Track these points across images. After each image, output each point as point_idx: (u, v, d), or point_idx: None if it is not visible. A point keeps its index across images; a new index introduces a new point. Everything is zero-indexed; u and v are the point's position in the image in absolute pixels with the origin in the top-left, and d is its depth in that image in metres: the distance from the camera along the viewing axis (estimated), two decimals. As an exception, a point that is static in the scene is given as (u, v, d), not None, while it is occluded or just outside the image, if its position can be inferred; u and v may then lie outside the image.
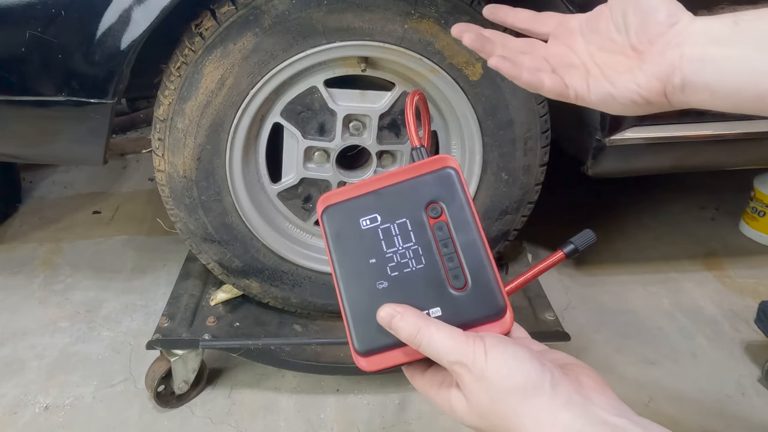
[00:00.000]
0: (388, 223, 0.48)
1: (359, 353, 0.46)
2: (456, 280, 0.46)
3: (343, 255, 0.48)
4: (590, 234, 0.53)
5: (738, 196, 1.93)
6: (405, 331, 0.43)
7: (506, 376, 0.40)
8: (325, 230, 0.49)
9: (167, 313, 1.21)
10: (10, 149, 1.18)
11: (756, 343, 1.40)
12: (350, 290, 0.47)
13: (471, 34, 0.53)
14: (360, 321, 0.47)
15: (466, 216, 0.47)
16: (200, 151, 1.06)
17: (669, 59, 0.47)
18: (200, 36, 0.97)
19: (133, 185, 2.15)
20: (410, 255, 0.47)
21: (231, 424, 1.18)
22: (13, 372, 1.30)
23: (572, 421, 0.38)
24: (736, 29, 0.44)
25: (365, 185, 0.50)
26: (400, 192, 0.49)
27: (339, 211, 0.49)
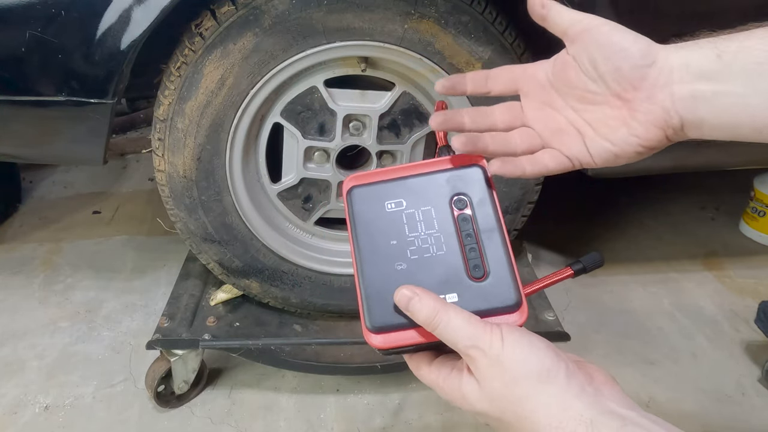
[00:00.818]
0: (413, 209, 0.49)
1: (371, 330, 0.46)
2: (475, 269, 0.47)
3: (365, 234, 0.49)
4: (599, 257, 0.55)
5: (738, 196, 1.93)
6: (422, 313, 0.43)
7: (522, 361, 0.40)
8: (348, 208, 0.50)
9: (167, 313, 1.21)
10: (10, 149, 1.18)
11: (756, 343, 1.40)
12: (368, 268, 0.48)
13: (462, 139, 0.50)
14: (374, 298, 0.47)
15: (491, 212, 0.48)
16: (200, 151, 1.06)
17: (661, 103, 0.45)
18: (200, 36, 0.97)
19: (133, 185, 2.15)
20: (432, 241, 0.48)
21: (231, 424, 1.18)
22: (13, 372, 1.30)
23: (583, 411, 0.39)
24: (721, 63, 0.43)
25: (393, 171, 0.51)
26: (428, 181, 0.50)
27: (365, 192, 0.50)
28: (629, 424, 0.38)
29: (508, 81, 0.54)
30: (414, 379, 1.26)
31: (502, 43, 1.01)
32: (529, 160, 0.51)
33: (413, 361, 0.49)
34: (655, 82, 0.45)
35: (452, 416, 1.20)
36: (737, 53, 0.43)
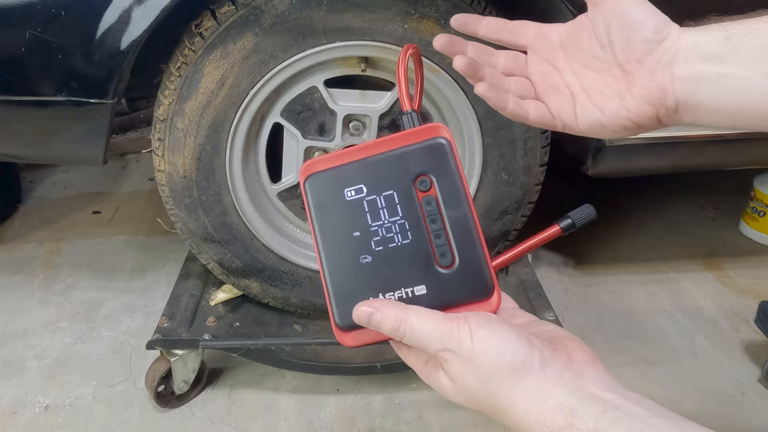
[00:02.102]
0: (374, 195, 0.45)
1: (340, 328, 0.44)
2: (443, 257, 0.44)
3: (326, 227, 0.46)
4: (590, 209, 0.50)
5: (738, 196, 1.93)
6: (386, 325, 0.42)
7: (494, 357, 0.39)
8: (307, 200, 0.47)
9: (167, 313, 1.21)
10: (10, 149, 1.18)
11: (756, 343, 1.40)
12: (332, 264, 0.45)
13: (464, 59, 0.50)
14: (342, 296, 0.45)
15: (457, 190, 0.45)
16: (200, 151, 1.06)
17: (659, 81, 0.45)
18: (200, 36, 0.97)
19: (133, 185, 2.15)
20: (396, 229, 0.44)
21: (231, 424, 1.18)
22: (13, 372, 1.30)
23: (562, 399, 0.38)
24: (729, 45, 0.42)
25: (351, 153, 0.46)
26: (387, 162, 0.45)
27: (322, 180, 0.46)
28: (610, 408, 0.37)
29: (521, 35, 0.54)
30: (414, 379, 1.26)
31: (502, 43, 1.01)
32: (514, 100, 0.51)
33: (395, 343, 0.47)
34: (660, 58, 0.45)
35: (452, 416, 1.20)
36: (746, 35, 0.42)
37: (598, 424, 0.36)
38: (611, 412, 0.36)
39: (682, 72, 0.44)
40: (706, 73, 0.43)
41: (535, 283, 1.35)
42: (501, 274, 1.38)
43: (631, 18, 0.46)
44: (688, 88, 0.44)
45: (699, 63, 0.43)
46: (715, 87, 0.43)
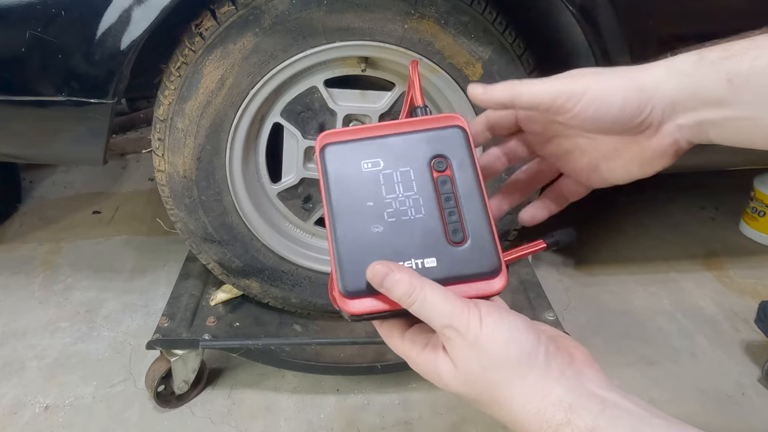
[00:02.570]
0: (390, 170, 0.47)
1: (343, 294, 0.44)
2: (455, 234, 0.45)
3: (340, 194, 0.46)
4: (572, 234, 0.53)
5: (738, 196, 1.93)
6: (398, 290, 0.41)
7: (501, 345, 0.39)
8: (322, 167, 0.47)
9: (167, 313, 1.21)
10: (10, 149, 1.18)
11: (756, 343, 1.40)
12: (342, 230, 0.45)
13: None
14: (348, 262, 0.44)
15: (471, 174, 0.46)
16: (200, 151, 1.06)
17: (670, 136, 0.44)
18: (200, 36, 0.97)
19: (133, 185, 2.15)
20: (410, 203, 0.46)
21: (231, 424, 1.18)
22: (13, 372, 1.30)
23: (563, 395, 0.38)
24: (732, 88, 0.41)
25: (370, 129, 0.48)
26: (406, 141, 0.48)
27: (340, 150, 0.48)
28: (609, 406, 0.37)
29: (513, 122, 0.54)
30: (414, 379, 1.27)
31: (502, 43, 1.01)
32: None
33: (384, 328, 0.47)
34: (659, 121, 0.44)
35: (452, 417, 1.20)
36: (749, 77, 0.40)
37: (596, 422, 0.36)
38: (610, 410, 0.37)
39: (687, 121, 0.44)
40: (711, 118, 0.43)
41: (535, 283, 1.35)
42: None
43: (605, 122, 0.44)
44: (697, 132, 0.44)
45: (702, 110, 0.43)
46: (722, 130, 0.43)
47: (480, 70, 1.03)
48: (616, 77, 0.44)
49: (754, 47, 0.41)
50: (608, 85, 0.44)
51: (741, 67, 0.41)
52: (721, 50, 0.42)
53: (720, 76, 0.41)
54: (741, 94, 0.41)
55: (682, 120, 0.44)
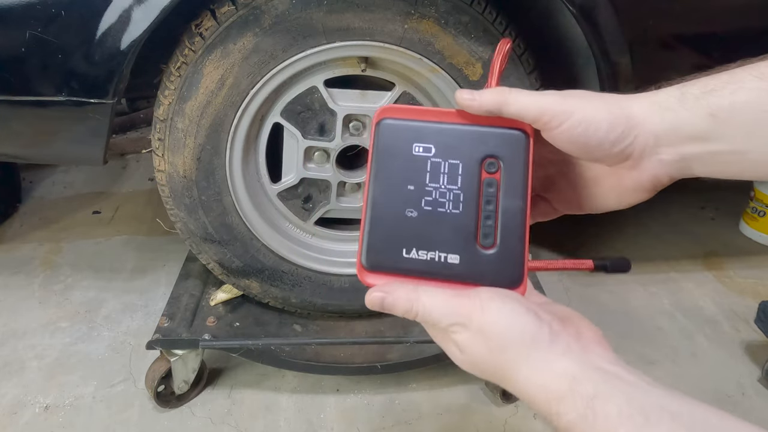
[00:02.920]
0: (440, 159, 0.46)
1: (366, 268, 0.45)
2: (486, 238, 0.45)
3: (383, 170, 0.46)
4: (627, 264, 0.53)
5: (738, 196, 1.93)
6: (399, 308, 0.43)
7: (504, 330, 0.40)
8: (374, 140, 0.47)
9: (167, 313, 1.21)
10: (10, 149, 1.18)
11: (756, 343, 1.40)
12: (377, 206, 0.46)
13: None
14: (376, 238, 0.45)
15: (521, 183, 0.45)
16: (200, 151, 1.06)
17: (650, 170, 0.44)
18: (200, 36, 0.97)
19: (133, 185, 2.15)
20: (450, 197, 0.45)
21: (231, 424, 1.18)
22: (13, 372, 1.30)
23: (567, 368, 0.39)
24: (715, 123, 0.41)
25: (432, 113, 0.47)
26: (464, 134, 0.46)
27: (396, 126, 0.47)
28: (611, 378, 0.38)
29: None
30: (414, 379, 1.27)
31: (502, 43, 1.01)
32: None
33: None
34: (641, 153, 0.44)
35: (452, 417, 1.20)
36: (731, 111, 0.41)
37: (597, 390, 0.37)
38: (611, 381, 0.38)
39: (669, 156, 0.44)
40: (695, 154, 0.43)
41: (535, 282, 1.35)
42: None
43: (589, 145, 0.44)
44: (679, 168, 0.44)
45: (685, 145, 0.43)
46: (707, 164, 0.43)
47: (480, 70, 1.03)
48: (605, 102, 0.44)
49: (733, 81, 0.41)
50: (597, 107, 0.44)
51: (722, 102, 0.41)
52: (701, 85, 0.42)
53: (703, 111, 0.42)
54: (724, 128, 0.41)
55: (665, 155, 0.44)
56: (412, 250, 0.45)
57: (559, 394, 0.38)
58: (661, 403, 0.36)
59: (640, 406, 0.35)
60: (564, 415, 0.38)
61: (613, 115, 0.43)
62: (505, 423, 1.19)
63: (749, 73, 0.41)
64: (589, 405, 0.37)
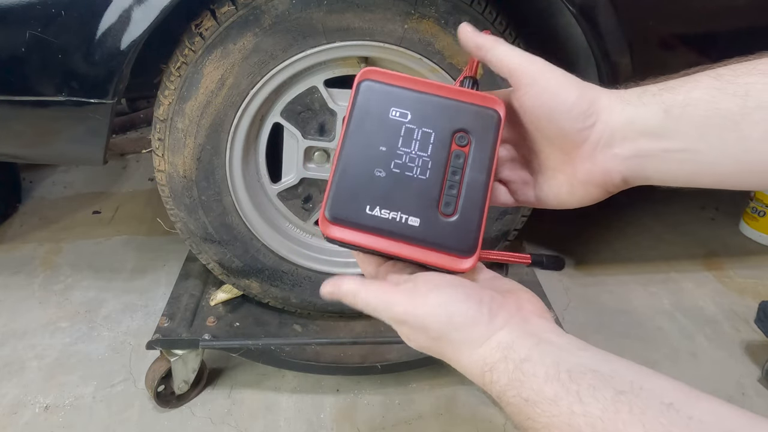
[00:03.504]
0: (414, 126, 0.48)
1: (328, 219, 0.47)
2: (447, 206, 0.47)
3: (358, 130, 0.48)
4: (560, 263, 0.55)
5: (738, 196, 1.93)
6: (345, 298, 0.46)
7: (444, 320, 0.42)
8: (353, 99, 0.49)
9: (167, 313, 1.21)
10: (10, 149, 1.18)
11: (756, 343, 1.40)
12: (347, 162, 0.47)
13: None
14: (342, 192, 0.47)
15: (487, 159, 0.47)
16: (200, 151, 1.06)
17: (601, 164, 0.44)
18: (200, 36, 0.97)
19: (133, 185, 2.15)
20: (419, 163, 0.47)
21: (231, 424, 1.18)
22: (13, 372, 1.30)
23: (503, 337, 0.41)
24: (669, 119, 0.41)
25: (413, 81, 0.49)
26: (440, 105, 0.48)
27: (377, 89, 0.49)
28: (543, 342, 0.39)
29: None
30: (414, 379, 1.27)
31: (502, 43, 1.01)
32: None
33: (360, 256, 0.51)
34: (596, 142, 0.44)
35: (452, 416, 1.20)
36: (685, 107, 0.41)
37: (529, 354, 0.39)
38: (543, 344, 0.40)
39: (623, 151, 0.44)
40: (648, 151, 0.43)
41: (535, 282, 1.35)
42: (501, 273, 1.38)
43: (557, 109, 0.44)
44: (633, 166, 0.44)
45: (639, 140, 0.43)
46: (661, 163, 0.43)
47: (480, 70, 1.03)
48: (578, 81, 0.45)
49: (690, 81, 0.42)
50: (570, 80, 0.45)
51: (677, 98, 0.42)
52: (661, 84, 0.43)
53: (658, 107, 0.42)
54: (677, 124, 0.41)
55: (619, 149, 0.44)
56: (376, 208, 0.47)
57: (493, 362, 0.40)
58: (586, 362, 0.38)
59: (566, 366, 0.37)
60: (496, 382, 0.40)
61: (581, 92, 0.44)
62: (505, 423, 1.19)
63: (707, 74, 0.42)
64: (519, 367, 0.39)
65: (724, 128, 0.40)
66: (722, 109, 0.40)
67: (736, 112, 0.39)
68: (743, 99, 0.39)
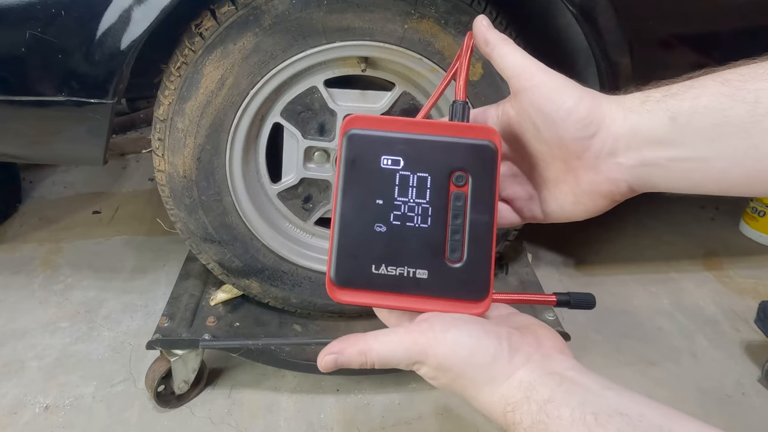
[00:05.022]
0: (409, 172, 0.46)
1: (335, 284, 0.46)
2: (453, 252, 0.45)
3: (351, 184, 0.46)
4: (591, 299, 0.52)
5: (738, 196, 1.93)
6: (354, 363, 0.44)
7: (464, 358, 0.41)
8: (341, 152, 0.46)
9: (167, 313, 1.21)
10: (10, 149, 1.18)
11: (756, 343, 1.40)
12: (346, 221, 0.46)
13: None
14: (345, 254, 0.46)
15: (488, 197, 0.45)
16: (200, 151, 1.06)
17: (606, 173, 0.43)
18: (200, 36, 0.97)
19: (133, 185, 2.15)
20: (419, 211, 0.45)
21: (231, 424, 1.18)
22: (13, 372, 1.30)
23: (525, 377, 0.40)
24: (675, 127, 0.40)
25: (399, 123, 0.46)
26: (433, 146, 0.45)
27: (363, 138, 0.46)
28: (566, 382, 0.38)
29: None
30: (414, 379, 1.27)
31: (502, 43, 1.01)
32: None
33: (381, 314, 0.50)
34: (598, 152, 0.43)
35: (452, 416, 1.20)
36: (692, 114, 0.40)
37: (552, 394, 0.38)
38: (566, 384, 0.38)
39: (628, 161, 0.43)
40: (654, 159, 0.42)
41: (535, 283, 1.35)
42: (501, 273, 1.38)
43: (556, 115, 0.43)
44: (639, 174, 0.43)
45: (644, 149, 0.42)
46: (668, 172, 0.42)
47: (480, 70, 1.03)
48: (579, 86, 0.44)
49: (696, 86, 0.40)
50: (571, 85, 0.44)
51: (683, 105, 0.40)
52: (664, 90, 0.42)
53: (663, 114, 0.41)
54: (683, 132, 0.40)
55: (623, 158, 0.43)
56: (381, 266, 0.46)
57: (515, 402, 0.39)
58: (612, 404, 0.36)
59: (592, 409, 0.36)
60: (519, 423, 0.38)
61: (580, 97, 0.43)
62: (505, 423, 1.19)
63: (712, 79, 0.40)
64: (543, 409, 0.37)
65: (734, 136, 0.39)
66: (731, 116, 0.38)
67: (747, 119, 0.38)
68: (753, 106, 0.38)
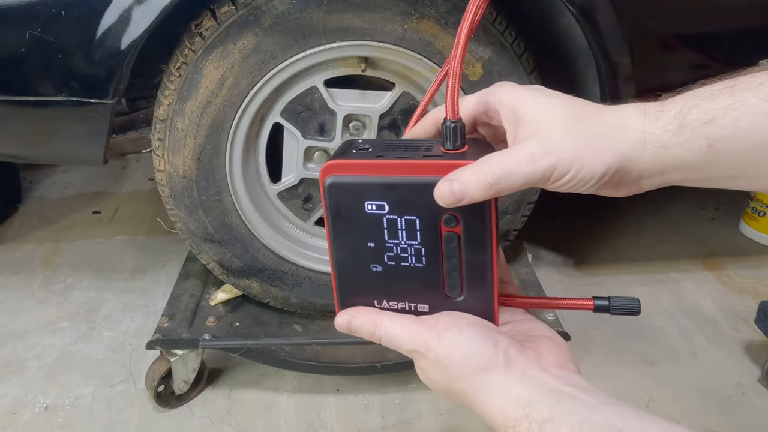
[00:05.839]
0: (395, 216, 0.43)
1: None
2: (452, 290, 0.46)
3: (341, 230, 0.45)
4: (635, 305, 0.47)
5: (738, 196, 1.93)
6: (364, 329, 0.47)
7: (460, 359, 0.42)
8: (325, 201, 0.44)
9: (167, 313, 1.21)
10: (10, 149, 1.18)
11: (756, 343, 1.40)
12: (342, 264, 0.47)
13: None
14: (347, 292, 0.48)
15: (483, 238, 0.43)
16: (200, 151, 1.06)
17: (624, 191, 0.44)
18: (200, 36, 0.97)
19: (133, 185, 2.15)
20: (411, 252, 0.44)
21: (231, 424, 1.18)
22: (13, 372, 1.30)
23: (523, 393, 0.40)
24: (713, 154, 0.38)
25: (379, 167, 0.42)
26: (417, 188, 0.42)
27: (343, 185, 0.43)
28: (565, 398, 0.39)
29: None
30: (414, 379, 1.26)
31: (502, 43, 1.01)
32: None
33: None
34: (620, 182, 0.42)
35: (452, 416, 1.20)
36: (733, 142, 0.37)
37: (551, 413, 0.38)
38: (565, 401, 0.39)
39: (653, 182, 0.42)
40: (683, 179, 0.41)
41: (535, 283, 1.35)
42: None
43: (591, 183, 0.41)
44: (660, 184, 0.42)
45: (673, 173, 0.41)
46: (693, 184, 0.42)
47: (480, 70, 1.03)
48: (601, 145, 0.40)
49: (736, 106, 0.37)
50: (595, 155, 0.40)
51: (723, 132, 0.38)
52: (702, 113, 0.38)
53: (701, 143, 0.38)
54: (722, 158, 0.38)
55: (647, 182, 0.42)
56: (383, 301, 0.47)
57: (515, 419, 0.39)
58: (612, 421, 0.36)
59: (591, 427, 0.36)
60: None
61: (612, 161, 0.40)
62: (505, 423, 1.19)
63: (753, 95, 0.37)
64: (542, 428, 0.38)
65: None
66: None
67: None
68: None
